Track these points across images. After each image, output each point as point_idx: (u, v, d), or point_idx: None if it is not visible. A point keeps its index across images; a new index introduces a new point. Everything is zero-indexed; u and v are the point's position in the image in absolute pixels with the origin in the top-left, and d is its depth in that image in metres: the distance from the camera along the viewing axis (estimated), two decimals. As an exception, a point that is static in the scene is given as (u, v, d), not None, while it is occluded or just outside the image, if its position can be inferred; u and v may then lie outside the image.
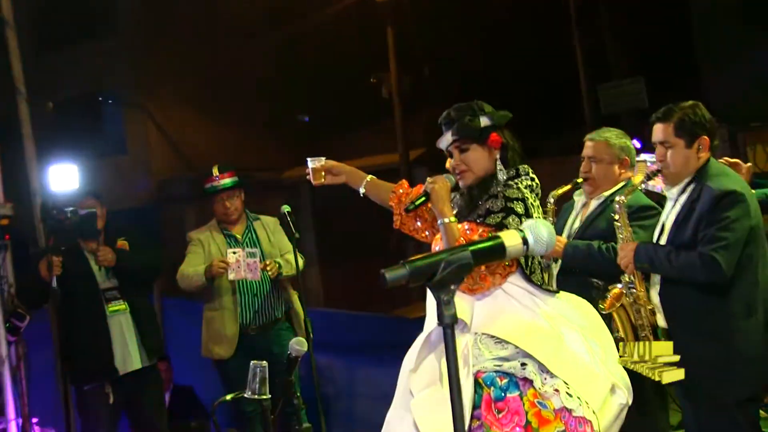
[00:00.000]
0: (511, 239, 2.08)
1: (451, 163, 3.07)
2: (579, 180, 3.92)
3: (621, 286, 3.46)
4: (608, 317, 3.37)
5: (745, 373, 3.29)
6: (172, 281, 5.27)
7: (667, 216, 3.46)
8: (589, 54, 12.34)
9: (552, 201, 3.93)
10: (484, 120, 3.00)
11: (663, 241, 3.42)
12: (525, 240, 2.10)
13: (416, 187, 3.26)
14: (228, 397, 3.57)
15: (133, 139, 10.64)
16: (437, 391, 2.83)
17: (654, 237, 3.51)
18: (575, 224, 3.94)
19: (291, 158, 12.47)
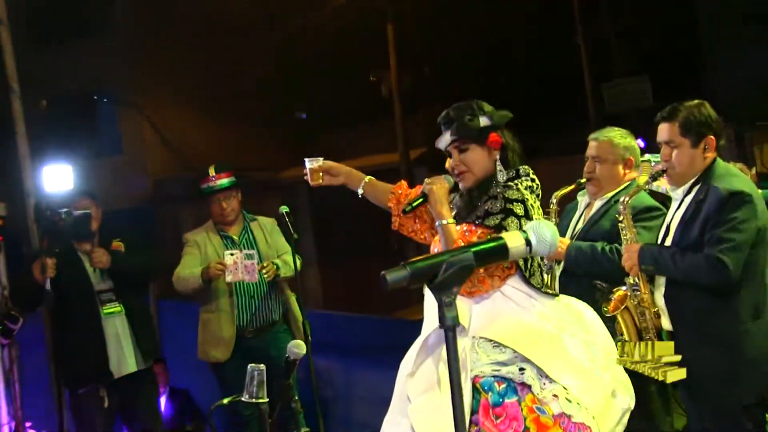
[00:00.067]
0: (514, 240, 2.05)
1: (450, 164, 3.03)
2: (582, 180, 3.88)
3: (625, 288, 3.41)
4: (612, 320, 3.33)
5: (752, 377, 3.24)
6: (169, 283, 5.21)
7: (672, 217, 3.41)
8: (594, 52, 12.30)
9: (555, 201, 3.90)
10: (484, 120, 2.96)
11: (668, 243, 3.36)
12: (528, 241, 2.06)
13: (415, 188, 3.22)
14: (225, 401, 3.52)
15: (129, 139, 10.62)
16: (435, 396, 2.79)
17: (659, 238, 3.45)
18: (578, 225, 3.90)
19: (289, 158, 12.43)
